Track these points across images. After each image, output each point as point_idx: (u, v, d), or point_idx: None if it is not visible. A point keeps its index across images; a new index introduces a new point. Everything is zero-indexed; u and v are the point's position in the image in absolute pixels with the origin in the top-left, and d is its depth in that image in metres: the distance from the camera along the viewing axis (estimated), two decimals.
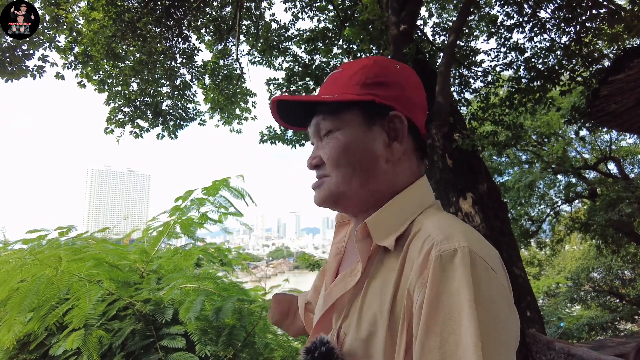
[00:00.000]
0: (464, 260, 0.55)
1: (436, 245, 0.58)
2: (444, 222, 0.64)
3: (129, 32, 6.30)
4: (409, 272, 0.61)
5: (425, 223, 0.66)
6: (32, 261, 1.84)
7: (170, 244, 2.96)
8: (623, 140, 13.42)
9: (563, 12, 5.87)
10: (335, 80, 0.76)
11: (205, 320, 2.05)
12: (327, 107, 0.75)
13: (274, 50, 8.33)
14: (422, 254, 0.59)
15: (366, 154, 0.72)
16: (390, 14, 4.80)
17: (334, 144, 0.73)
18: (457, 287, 0.54)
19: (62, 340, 1.75)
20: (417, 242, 0.63)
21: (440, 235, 0.59)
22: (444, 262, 0.56)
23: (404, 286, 0.61)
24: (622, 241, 12.01)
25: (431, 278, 0.56)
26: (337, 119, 0.74)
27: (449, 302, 0.53)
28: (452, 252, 0.56)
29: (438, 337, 0.53)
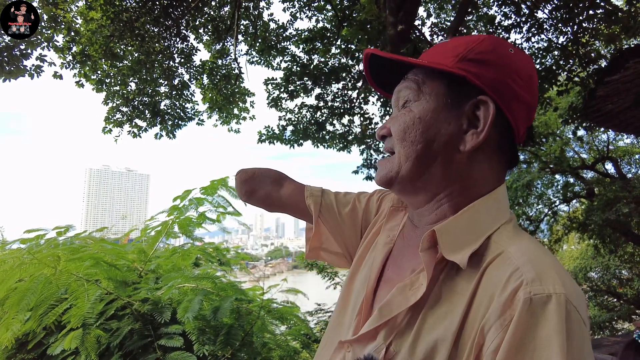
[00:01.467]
0: (559, 311, 0.48)
1: (526, 285, 0.50)
2: (534, 253, 0.56)
3: (127, 32, 6.30)
4: (484, 302, 0.53)
5: (509, 247, 0.57)
6: (30, 261, 1.84)
7: (169, 243, 2.97)
8: (620, 140, 13.46)
9: (560, 12, 5.89)
10: (438, 48, 0.67)
11: (203, 319, 2.06)
12: (414, 75, 0.67)
13: (272, 50, 8.33)
14: (507, 290, 0.51)
15: (437, 135, 0.63)
16: (387, 14, 4.81)
17: (405, 116, 0.65)
18: (548, 338, 0.47)
19: (60, 339, 1.75)
20: (500, 270, 0.55)
21: (531, 273, 0.51)
22: (534, 308, 0.49)
23: (475, 317, 0.54)
24: (619, 241, 12.04)
25: (516, 322, 0.49)
26: (420, 89, 0.65)
27: (535, 353, 0.47)
28: (546, 298, 0.49)
29: None
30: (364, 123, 8.57)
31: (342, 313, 0.75)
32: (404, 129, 0.64)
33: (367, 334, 0.63)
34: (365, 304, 0.69)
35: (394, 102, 0.70)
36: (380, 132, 0.70)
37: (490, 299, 0.53)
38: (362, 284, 0.73)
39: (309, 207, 0.90)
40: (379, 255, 0.74)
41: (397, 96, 0.69)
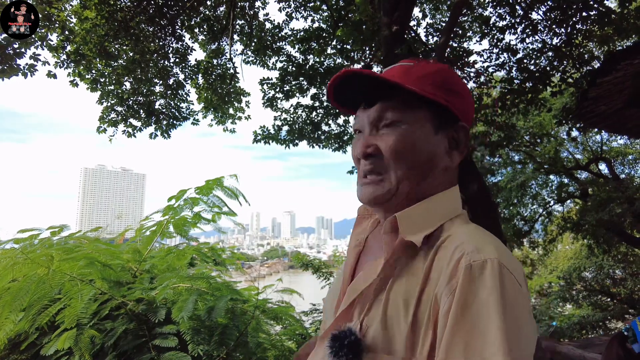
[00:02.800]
0: (493, 272, 0.58)
1: (466, 255, 0.60)
2: (475, 233, 0.67)
3: (122, 31, 6.27)
4: (436, 276, 0.63)
5: (455, 231, 0.68)
6: (24, 260, 1.84)
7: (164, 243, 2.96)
8: (614, 141, 13.56)
9: (554, 14, 5.93)
10: (409, 71, 0.73)
11: (198, 319, 2.06)
12: (396, 97, 0.72)
13: (268, 50, 8.32)
14: (452, 262, 0.61)
15: (430, 157, 0.73)
16: (382, 15, 4.82)
17: (400, 137, 0.71)
18: (486, 297, 0.56)
19: (54, 340, 1.75)
20: (448, 248, 0.65)
21: (471, 246, 0.62)
22: (474, 272, 0.58)
23: (430, 289, 0.63)
24: (613, 241, 12.14)
25: (460, 286, 0.58)
26: (407, 112, 0.71)
27: (476, 311, 0.55)
28: (482, 263, 0.59)
29: (463, 344, 0.55)
30: None
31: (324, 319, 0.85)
32: (402, 151, 0.71)
33: (340, 316, 0.71)
34: (339, 300, 0.77)
35: (370, 120, 0.74)
36: (367, 150, 0.73)
37: (441, 270, 0.62)
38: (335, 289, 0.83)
39: None
40: (350, 257, 0.83)
41: (379, 115, 0.73)
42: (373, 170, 0.73)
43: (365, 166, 0.74)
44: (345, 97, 0.79)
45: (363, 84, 0.74)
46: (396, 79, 0.71)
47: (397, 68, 0.74)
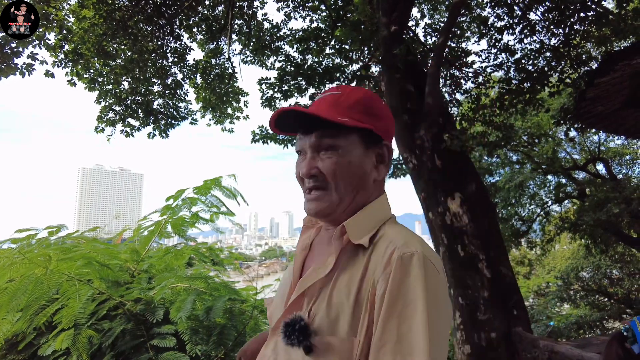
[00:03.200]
0: (418, 262, 0.73)
1: (398, 249, 0.76)
2: (403, 232, 0.84)
3: (120, 31, 6.25)
4: (373, 267, 0.77)
5: (387, 231, 0.84)
6: (21, 260, 1.83)
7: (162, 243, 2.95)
8: (612, 141, 13.59)
9: (552, 14, 5.94)
10: (337, 102, 0.86)
11: (196, 319, 2.06)
12: (332, 125, 0.84)
13: (266, 49, 8.31)
14: (386, 254, 0.76)
15: (363, 174, 0.88)
16: (380, 15, 4.82)
17: (337, 161, 0.85)
18: (414, 281, 0.72)
19: (52, 340, 1.74)
20: (382, 245, 0.80)
21: (401, 241, 0.78)
22: (404, 261, 0.74)
23: (369, 278, 0.77)
24: (610, 241, 12.18)
25: (393, 273, 0.73)
26: (341, 138, 0.85)
27: (406, 292, 0.71)
28: (410, 255, 0.74)
29: (397, 320, 0.70)
30: None
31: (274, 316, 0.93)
32: (340, 172, 0.85)
33: (291, 306, 0.84)
34: (289, 296, 0.88)
35: (310, 145, 0.87)
36: (311, 171, 0.86)
37: (377, 263, 0.77)
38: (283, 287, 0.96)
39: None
40: (298, 259, 0.95)
41: (318, 141, 0.86)
42: (317, 187, 0.87)
43: (309, 184, 0.87)
44: (284, 124, 0.89)
45: (301, 118, 0.86)
46: (328, 111, 0.84)
47: (328, 99, 0.87)
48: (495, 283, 4.33)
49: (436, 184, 4.77)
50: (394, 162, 8.98)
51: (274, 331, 0.87)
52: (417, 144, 4.96)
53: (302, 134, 0.89)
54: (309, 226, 1.03)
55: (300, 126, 0.89)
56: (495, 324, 4.13)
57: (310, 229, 1.02)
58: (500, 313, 4.21)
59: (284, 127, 0.91)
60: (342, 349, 0.74)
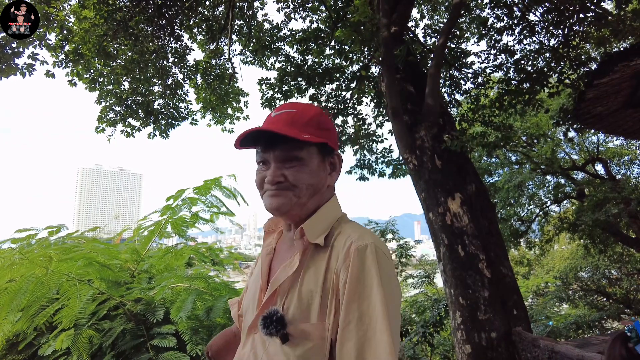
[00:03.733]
0: (372, 251, 0.87)
1: (354, 242, 0.89)
2: (357, 227, 0.98)
3: (121, 31, 6.25)
4: (334, 260, 0.90)
5: (343, 228, 0.98)
6: (21, 260, 1.83)
7: (162, 243, 2.96)
8: (610, 142, 13.61)
9: (552, 15, 5.94)
10: (294, 120, 0.97)
11: (196, 319, 2.06)
12: (294, 140, 0.95)
13: (266, 50, 8.30)
14: (345, 248, 0.89)
15: (319, 180, 1.00)
16: (381, 16, 4.82)
17: (301, 170, 0.97)
18: (369, 268, 0.85)
19: (52, 340, 1.75)
20: (340, 240, 0.93)
21: (356, 235, 0.91)
22: (361, 252, 0.87)
23: (332, 269, 0.90)
24: (609, 241, 12.19)
25: (352, 262, 0.86)
26: (303, 150, 0.97)
27: (364, 277, 0.85)
28: (365, 246, 0.88)
29: (358, 301, 0.83)
30: (357, 124, 8.59)
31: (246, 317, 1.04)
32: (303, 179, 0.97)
33: (265, 304, 0.94)
34: (260, 297, 0.99)
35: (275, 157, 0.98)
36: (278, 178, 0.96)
37: (337, 256, 0.90)
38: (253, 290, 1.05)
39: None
40: (264, 263, 1.06)
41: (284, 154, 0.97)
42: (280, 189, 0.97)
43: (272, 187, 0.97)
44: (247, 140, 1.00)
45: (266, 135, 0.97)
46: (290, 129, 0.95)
47: (284, 116, 0.98)
48: (496, 283, 4.33)
49: (436, 184, 4.77)
50: (394, 162, 8.98)
51: (250, 330, 0.97)
52: (417, 144, 4.97)
53: (265, 148, 0.99)
54: (270, 231, 1.14)
55: (264, 141, 0.99)
56: (496, 324, 4.14)
57: (272, 234, 1.14)
58: (500, 313, 4.21)
59: (246, 143, 1.01)
60: (315, 333, 0.86)
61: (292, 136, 0.93)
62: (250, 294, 1.08)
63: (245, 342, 0.98)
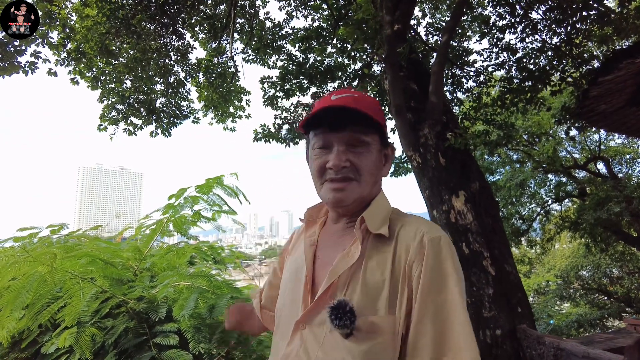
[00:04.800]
0: (446, 243, 0.86)
1: (426, 234, 0.87)
2: (421, 219, 0.95)
3: (123, 29, 6.24)
4: (403, 251, 0.87)
5: (407, 219, 0.94)
6: (25, 259, 1.83)
7: (163, 241, 2.95)
8: (612, 140, 13.59)
9: (554, 13, 5.93)
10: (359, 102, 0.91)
11: (199, 317, 2.05)
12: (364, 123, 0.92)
13: (268, 48, 8.31)
14: (416, 239, 0.86)
15: (378, 169, 0.97)
16: (384, 14, 4.81)
17: (366, 156, 0.93)
18: (445, 259, 0.84)
19: (55, 338, 1.74)
20: (408, 231, 0.90)
21: (426, 228, 0.88)
22: (434, 243, 0.85)
23: (399, 260, 0.86)
24: (610, 240, 12.18)
25: (427, 254, 0.84)
26: (369, 135, 0.93)
27: (441, 270, 0.83)
28: (438, 238, 0.86)
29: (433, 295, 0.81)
30: None
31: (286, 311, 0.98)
32: (370, 168, 0.94)
33: (321, 297, 0.87)
34: (307, 289, 0.93)
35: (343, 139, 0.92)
36: (343, 163, 0.91)
37: (407, 247, 0.87)
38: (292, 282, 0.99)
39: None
40: (308, 254, 0.99)
41: (354, 137, 0.92)
42: (345, 179, 0.92)
43: (336, 174, 0.92)
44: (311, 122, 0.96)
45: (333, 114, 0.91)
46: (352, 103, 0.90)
47: (349, 99, 0.92)
48: (500, 280, 4.33)
49: (440, 181, 4.77)
50: (396, 161, 8.98)
51: (298, 325, 0.90)
52: (421, 142, 4.96)
53: (330, 130, 0.93)
54: (311, 221, 1.08)
55: (329, 122, 0.93)
56: (500, 321, 4.13)
57: (314, 225, 1.07)
58: (505, 310, 4.21)
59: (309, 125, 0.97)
60: (385, 326, 0.82)
61: (370, 114, 0.89)
62: (289, 286, 1.01)
63: (292, 338, 0.90)
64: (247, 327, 1.31)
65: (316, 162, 0.95)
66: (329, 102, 0.91)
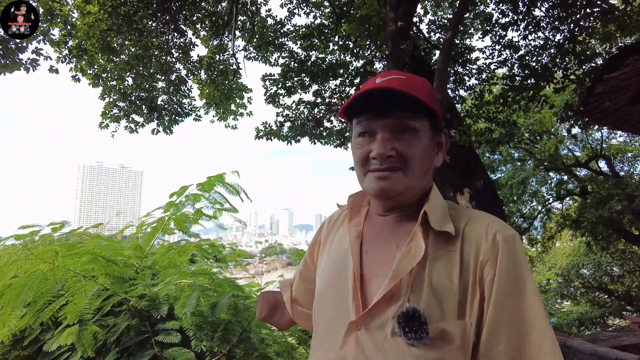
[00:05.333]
0: (518, 241, 0.80)
1: (499, 232, 0.80)
2: (490, 216, 0.86)
3: (125, 26, 6.22)
4: (473, 250, 0.80)
5: (472, 214, 0.87)
6: (26, 256, 1.82)
7: (165, 240, 2.94)
8: (614, 138, 13.56)
9: (557, 10, 5.90)
10: (408, 84, 0.82)
11: (200, 315, 2.05)
12: (409, 108, 0.83)
13: (270, 46, 8.29)
14: (489, 238, 0.79)
15: (431, 159, 0.89)
16: (388, 10, 4.79)
17: (415, 144, 0.84)
18: (521, 261, 0.78)
19: (57, 336, 1.74)
20: (476, 228, 0.82)
21: (498, 225, 0.81)
22: (508, 241, 0.78)
23: (469, 261, 0.79)
24: (611, 238, 12.16)
25: (502, 255, 0.77)
26: (417, 121, 0.84)
27: (517, 272, 0.77)
28: (512, 237, 0.79)
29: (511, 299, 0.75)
30: None
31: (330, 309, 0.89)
32: (419, 156, 0.84)
33: (380, 301, 0.79)
34: (356, 288, 0.84)
35: (390, 127, 0.84)
36: (389, 152, 0.83)
37: (477, 246, 0.80)
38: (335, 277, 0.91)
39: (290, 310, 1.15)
40: (354, 247, 0.90)
41: (400, 122, 0.84)
42: (391, 168, 0.83)
43: (381, 164, 0.84)
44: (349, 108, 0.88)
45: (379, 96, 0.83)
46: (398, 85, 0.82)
47: (396, 81, 0.83)
48: None
49: (445, 179, 4.77)
50: None
51: (352, 326, 0.81)
52: None
53: (374, 115, 0.85)
54: (356, 210, 0.99)
55: (374, 107, 0.85)
56: None
57: (357, 215, 0.98)
58: None
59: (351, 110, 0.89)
60: (455, 333, 0.75)
61: (419, 97, 0.80)
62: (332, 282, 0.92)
63: (345, 340, 0.82)
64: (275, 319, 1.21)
65: (358, 151, 0.87)
66: (373, 85, 0.83)
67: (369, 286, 0.84)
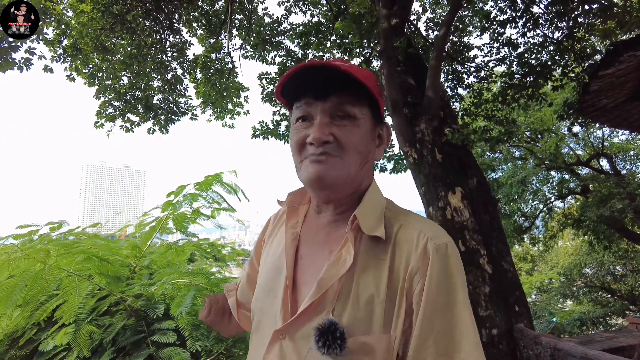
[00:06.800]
0: (453, 251, 0.74)
1: (431, 240, 0.74)
2: (424, 221, 0.81)
3: (118, 25, 6.19)
4: (403, 259, 0.74)
5: (406, 218, 0.81)
6: (21, 256, 1.82)
7: (163, 239, 2.94)
8: (615, 136, 13.50)
9: (556, 7, 5.87)
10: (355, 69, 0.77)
11: (196, 315, 2.04)
12: (348, 92, 0.78)
13: (267, 44, 8.27)
14: (419, 246, 0.74)
15: (368, 150, 0.83)
16: (381, 7, 4.77)
17: (355, 131, 0.79)
18: (453, 273, 0.73)
19: (52, 335, 1.73)
20: (408, 234, 0.77)
21: (430, 232, 0.76)
22: (441, 252, 0.73)
23: (398, 271, 0.74)
24: (613, 237, 12.12)
25: (432, 265, 0.72)
26: (357, 107, 0.79)
27: (448, 285, 0.72)
28: (445, 245, 0.74)
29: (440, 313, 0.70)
30: None
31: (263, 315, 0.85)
32: (356, 143, 0.79)
33: (307, 310, 0.75)
34: (286, 295, 0.80)
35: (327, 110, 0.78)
36: (325, 137, 0.77)
37: (407, 254, 0.74)
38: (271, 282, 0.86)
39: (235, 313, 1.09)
40: (289, 252, 0.86)
41: (338, 107, 0.78)
42: (327, 153, 0.78)
43: (317, 149, 0.78)
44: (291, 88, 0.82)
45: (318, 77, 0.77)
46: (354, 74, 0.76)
47: (337, 61, 0.78)
48: (497, 279, 4.30)
49: (436, 178, 4.73)
50: (396, 157, 8.93)
51: (277, 334, 0.78)
52: (418, 137, 4.92)
53: (313, 99, 0.79)
54: (294, 209, 0.93)
55: (313, 90, 0.79)
56: (497, 321, 4.10)
57: (296, 214, 0.92)
58: (501, 309, 4.18)
59: (289, 92, 0.83)
60: (380, 347, 0.70)
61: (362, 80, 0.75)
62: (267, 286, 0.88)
63: (270, 347, 0.79)
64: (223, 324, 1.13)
65: (295, 136, 0.81)
66: (314, 62, 0.76)
67: (300, 294, 0.80)
